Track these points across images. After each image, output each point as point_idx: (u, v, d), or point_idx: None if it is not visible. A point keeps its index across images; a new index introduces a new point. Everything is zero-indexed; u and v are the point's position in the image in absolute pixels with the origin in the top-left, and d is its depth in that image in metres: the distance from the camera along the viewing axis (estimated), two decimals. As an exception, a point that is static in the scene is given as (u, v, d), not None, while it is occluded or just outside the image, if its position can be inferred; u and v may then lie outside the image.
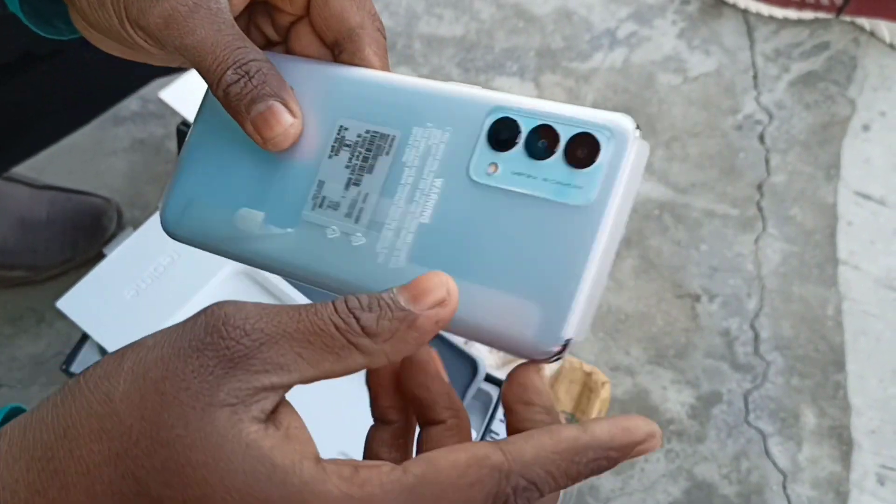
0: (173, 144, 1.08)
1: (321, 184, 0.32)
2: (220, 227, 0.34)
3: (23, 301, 0.99)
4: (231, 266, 0.71)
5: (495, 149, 0.30)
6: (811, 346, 1.04)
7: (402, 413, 0.31)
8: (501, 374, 0.76)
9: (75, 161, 1.06)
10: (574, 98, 1.22)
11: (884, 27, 1.25)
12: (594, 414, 0.79)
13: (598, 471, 0.27)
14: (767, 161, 1.17)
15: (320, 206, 0.32)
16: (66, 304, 0.70)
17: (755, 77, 1.24)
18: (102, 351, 0.71)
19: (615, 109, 0.30)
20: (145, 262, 0.72)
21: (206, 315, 0.26)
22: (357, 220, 0.31)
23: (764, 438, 0.98)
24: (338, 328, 0.26)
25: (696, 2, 1.28)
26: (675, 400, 1.00)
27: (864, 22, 1.26)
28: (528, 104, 0.30)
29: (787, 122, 1.21)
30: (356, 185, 0.31)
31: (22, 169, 0.92)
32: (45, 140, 0.80)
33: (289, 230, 0.32)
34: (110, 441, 0.25)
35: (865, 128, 1.20)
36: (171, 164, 1.08)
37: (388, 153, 0.31)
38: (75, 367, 0.72)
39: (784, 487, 0.96)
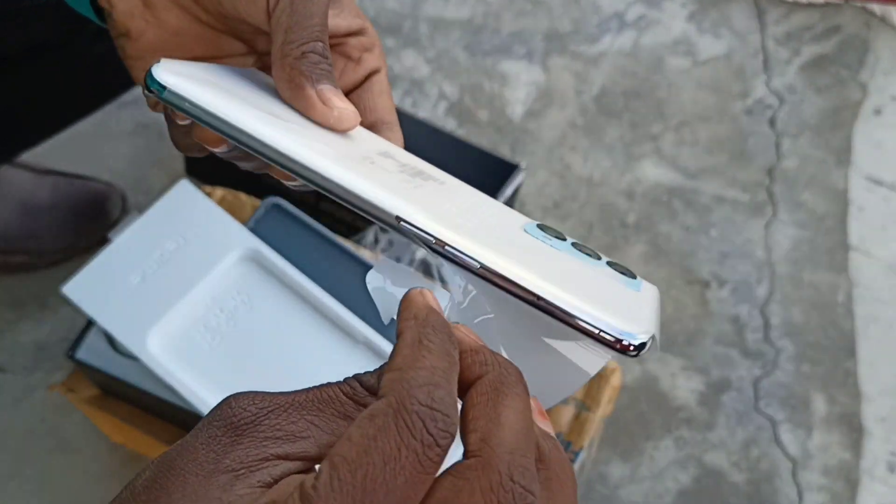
0: (177, 128, 1.07)
1: None
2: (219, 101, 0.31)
3: (25, 286, 0.98)
4: (238, 251, 0.70)
5: (544, 231, 0.32)
6: (821, 333, 1.03)
7: None
8: (512, 361, 0.75)
9: (78, 145, 1.04)
10: (582, 82, 1.20)
11: (894, 12, 1.23)
12: (604, 401, 0.78)
13: None
14: (778, 146, 1.16)
15: None
16: (71, 289, 0.69)
17: (765, 61, 1.23)
18: (108, 337, 0.70)
19: (624, 93, 0.29)
20: (151, 247, 0.70)
21: (221, 401, 0.26)
22: None
23: (774, 425, 0.97)
24: (346, 394, 0.25)
25: (705, -16, 1.27)
26: (685, 387, 0.99)
27: (874, 7, 1.25)
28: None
29: (797, 106, 1.19)
30: None
31: (24, 154, 0.91)
32: (53, 128, 0.79)
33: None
34: None
35: (877, 112, 1.19)
36: (174, 148, 1.07)
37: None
38: (81, 354, 0.70)
39: (794, 475, 0.95)
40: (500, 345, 0.28)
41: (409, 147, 0.38)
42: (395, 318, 0.26)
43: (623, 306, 0.27)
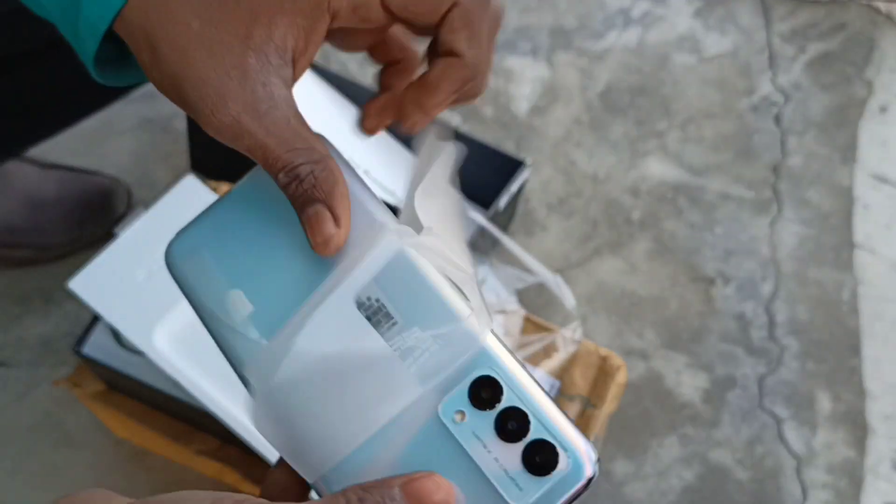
0: (182, 123, 1.07)
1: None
2: (210, 293, 0.33)
3: (30, 281, 0.98)
4: None
5: (471, 400, 0.29)
6: (826, 331, 1.03)
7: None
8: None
9: (82, 140, 1.04)
10: (588, 78, 1.20)
11: (901, 8, 1.23)
12: (610, 398, 0.78)
13: None
14: (783, 143, 1.16)
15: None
16: (77, 284, 0.68)
17: (771, 58, 1.22)
18: (114, 332, 0.70)
19: (629, 89, 0.29)
20: (157, 242, 0.70)
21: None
22: None
23: (778, 423, 0.97)
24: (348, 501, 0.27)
25: (711, -20, 1.26)
26: (689, 384, 0.99)
27: (880, 4, 1.24)
28: (522, 380, 0.29)
29: (803, 103, 1.19)
30: None
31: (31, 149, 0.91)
32: (61, 123, 0.79)
33: (262, 341, 0.31)
34: None
35: (883, 109, 1.19)
36: (179, 143, 1.07)
37: (382, 329, 0.30)
38: (87, 349, 0.70)
39: (798, 472, 0.95)
40: None
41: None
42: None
43: None
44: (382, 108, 0.37)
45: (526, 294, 0.92)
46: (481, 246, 0.89)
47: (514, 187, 0.95)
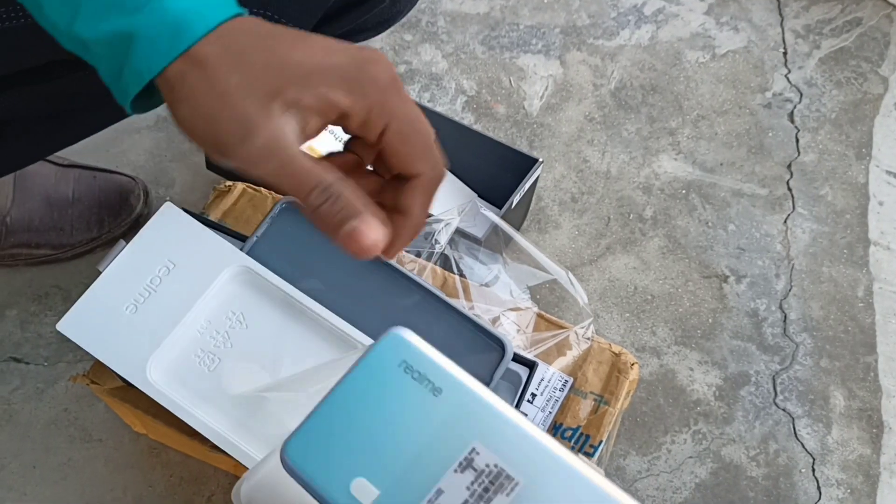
0: (197, 122, 1.07)
1: (439, 492, 0.33)
2: (334, 485, 0.34)
3: (49, 279, 0.99)
4: (228, 271, 0.69)
5: None
6: (841, 328, 1.03)
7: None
8: (530, 355, 0.75)
9: (100, 139, 1.05)
10: (600, 76, 1.20)
11: (917, 3, 1.23)
12: (623, 395, 0.79)
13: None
14: (797, 140, 1.15)
15: None
16: (65, 326, 0.67)
17: (785, 54, 1.22)
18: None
19: (642, 87, 0.30)
20: (141, 275, 0.69)
21: None
22: None
23: (792, 420, 0.97)
24: None
25: (724, -23, 1.26)
26: (702, 381, 0.99)
27: (895, 0, 1.24)
28: None
29: (817, 100, 1.18)
30: None
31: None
32: (90, 129, 0.80)
33: None
34: None
35: (898, 106, 1.18)
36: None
37: (507, 494, 0.32)
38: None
39: (813, 470, 0.95)
40: None
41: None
42: None
43: None
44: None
45: (538, 291, 0.92)
46: (494, 243, 0.90)
47: (526, 185, 0.95)
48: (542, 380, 0.75)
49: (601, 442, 0.75)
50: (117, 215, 0.98)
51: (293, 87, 0.37)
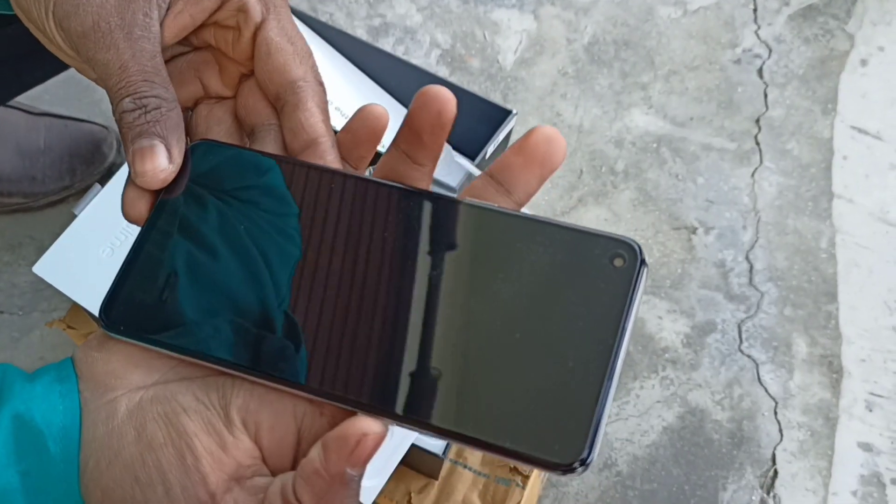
0: (170, 73, 1.07)
1: None
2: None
3: (22, 228, 0.99)
4: None
5: None
6: (804, 278, 1.06)
7: None
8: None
9: (72, 88, 1.04)
10: (573, 30, 1.21)
11: (884, -38, 1.24)
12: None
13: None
14: (766, 95, 1.18)
15: None
16: (41, 268, 0.67)
17: (755, 10, 1.24)
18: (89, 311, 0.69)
19: (615, 42, 0.30)
20: (117, 218, 0.69)
21: None
22: None
23: (756, 366, 1.00)
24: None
25: (697, -67, 1.27)
26: (671, 329, 1.02)
27: (864, -44, 1.26)
28: None
29: (785, 56, 1.20)
30: None
31: (19, 96, 0.91)
32: (54, 69, 0.79)
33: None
34: None
35: (863, 62, 1.20)
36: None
37: None
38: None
39: (775, 413, 0.98)
40: None
41: (402, 94, 0.35)
42: None
43: None
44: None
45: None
46: (468, 192, 0.91)
47: (500, 136, 0.96)
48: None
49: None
50: (90, 164, 0.97)
51: None
